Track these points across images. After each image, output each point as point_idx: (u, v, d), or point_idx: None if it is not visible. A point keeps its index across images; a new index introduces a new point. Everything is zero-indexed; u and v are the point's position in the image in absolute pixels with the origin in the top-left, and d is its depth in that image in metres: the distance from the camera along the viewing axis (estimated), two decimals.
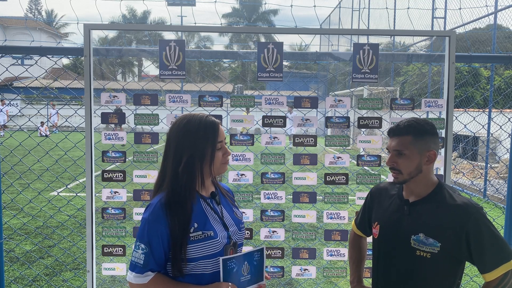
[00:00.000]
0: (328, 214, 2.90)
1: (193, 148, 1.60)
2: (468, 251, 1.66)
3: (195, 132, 1.61)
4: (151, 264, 1.56)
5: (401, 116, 3.12)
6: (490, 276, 1.66)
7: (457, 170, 9.86)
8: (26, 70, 3.01)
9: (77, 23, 3.45)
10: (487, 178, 8.76)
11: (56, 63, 3.24)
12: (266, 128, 2.86)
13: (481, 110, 9.33)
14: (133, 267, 1.58)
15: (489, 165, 9.32)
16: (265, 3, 3.95)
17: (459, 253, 1.69)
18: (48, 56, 2.85)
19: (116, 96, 2.75)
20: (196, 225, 1.59)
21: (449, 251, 1.68)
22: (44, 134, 18.75)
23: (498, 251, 1.65)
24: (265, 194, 2.87)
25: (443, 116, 2.79)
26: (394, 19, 13.89)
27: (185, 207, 1.58)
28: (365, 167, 2.98)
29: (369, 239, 2.11)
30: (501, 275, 1.64)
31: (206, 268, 1.60)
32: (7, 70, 3.39)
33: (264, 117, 2.77)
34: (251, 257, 1.65)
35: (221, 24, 3.35)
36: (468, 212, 1.66)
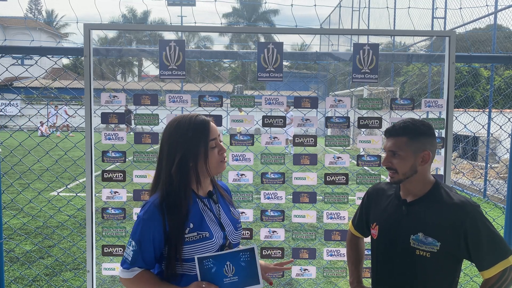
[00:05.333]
0: (328, 214, 2.90)
1: (184, 148, 1.59)
2: (466, 249, 1.67)
3: (185, 133, 1.60)
4: (138, 262, 1.59)
5: (401, 116, 3.12)
6: (488, 273, 1.66)
7: (457, 170, 9.85)
8: (26, 70, 3.01)
9: (77, 23, 3.45)
10: (487, 178, 8.76)
11: (56, 63, 3.24)
12: (266, 128, 2.86)
13: (481, 110, 9.33)
14: (123, 262, 1.63)
15: (489, 165, 9.32)
16: (265, 3, 3.95)
17: (457, 252, 1.69)
18: (48, 56, 2.85)
19: (116, 96, 2.75)
20: (191, 225, 1.59)
21: (448, 249, 1.69)
22: (44, 134, 18.74)
23: (496, 249, 1.66)
24: (265, 194, 2.87)
25: (443, 116, 2.79)
26: (394, 19, 13.89)
27: (180, 208, 1.58)
28: (365, 167, 2.97)
29: (367, 239, 2.11)
30: (500, 272, 1.65)
31: None
32: (7, 70, 3.39)
33: (264, 117, 2.77)
34: (235, 257, 1.55)
35: (221, 24, 3.34)
36: (466, 210, 1.67)
